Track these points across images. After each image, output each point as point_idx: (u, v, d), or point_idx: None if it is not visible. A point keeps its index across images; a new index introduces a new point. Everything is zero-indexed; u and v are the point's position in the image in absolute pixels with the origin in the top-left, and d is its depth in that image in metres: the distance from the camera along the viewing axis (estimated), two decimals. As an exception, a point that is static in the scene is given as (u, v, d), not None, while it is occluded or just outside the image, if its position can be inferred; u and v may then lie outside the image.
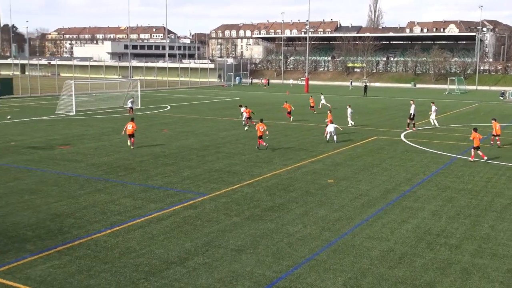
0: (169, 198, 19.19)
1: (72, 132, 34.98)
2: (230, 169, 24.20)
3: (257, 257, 13.71)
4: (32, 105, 55.70)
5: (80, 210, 17.52)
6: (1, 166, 24.14)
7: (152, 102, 59.57)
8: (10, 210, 17.45)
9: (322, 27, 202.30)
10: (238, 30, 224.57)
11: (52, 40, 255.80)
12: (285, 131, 36.66)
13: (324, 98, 54.79)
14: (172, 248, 14.20)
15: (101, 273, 12.55)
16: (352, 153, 28.65)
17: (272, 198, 19.43)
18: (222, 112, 49.25)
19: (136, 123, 29.95)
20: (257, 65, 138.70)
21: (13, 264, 12.97)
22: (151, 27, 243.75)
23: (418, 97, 68.56)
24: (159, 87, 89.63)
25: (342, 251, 14.20)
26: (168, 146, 29.84)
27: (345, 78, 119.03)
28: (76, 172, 23.07)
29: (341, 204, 18.77)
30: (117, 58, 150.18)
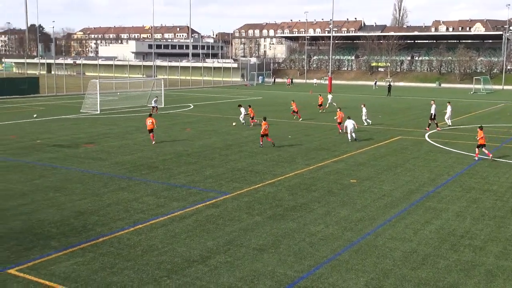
0: (192, 196, 19.28)
1: (97, 131, 35.37)
2: (252, 168, 24.22)
3: (278, 256, 13.70)
4: (57, 104, 56.45)
5: (103, 208, 17.71)
6: (27, 163, 24.51)
7: (175, 101, 59.91)
8: (36, 207, 17.72)
9: (346, 26, 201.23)
10: (262, 29, 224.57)
11: (77, 39, 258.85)
12: (307, 131, 36.56)
13: (331, 98, 54.08)
14: (194, 247, 14.27)
15: (124, 270, 12.67)
16: (375, 153, 28.45)
17: (294, 197, 19.40)
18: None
19: (159, 122, 30.17)
20: (280, 65, 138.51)
21: (38, 261, 13.17)
22: (175, 26, 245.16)
23: (443, 97, 67.81)
24: (182, 86, 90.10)
25: (365, 252, 14.11)
26: (191, 145, 29.99)
27: (369, 77, 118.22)
28: (100, 170, 23.32)
29: (364, 204, 18.66)
30: (141, 57, 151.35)
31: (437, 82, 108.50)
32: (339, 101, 52.31)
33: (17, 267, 12.73)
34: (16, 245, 14.18)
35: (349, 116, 33.86)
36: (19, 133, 33.79)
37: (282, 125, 39.80)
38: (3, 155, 26.53)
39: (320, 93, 60.03)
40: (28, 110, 47.86)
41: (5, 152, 27.16)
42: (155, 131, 31.07)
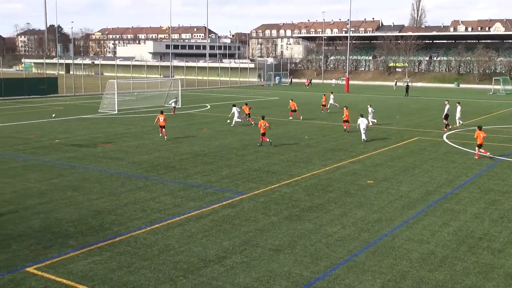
0: (208, 196, 19.32)
1: (114, 131, 35.61)
2: (269, 168, 24.21)
3: (294, 257, 13.67)
4: (76, 103, 56.95)
5: (121, 207, 17.82)
6: (46, 163, 24.76)
7: (192, 102, 60.11)
8: (54, 206, 17.89)
9: (364, 26, 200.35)
10: (279, 29, 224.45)
11: (96, 40, 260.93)
12: (323, 131, 36.46)
13: (333, 98, 53.63)
14: (210, 247, 14.30)
15: (141, 270, 12.74)
16: (392, 154, 28.28)
17: (311, 198, 19.35)
18: (261, 112, 49.25)
19: (177, 122, 30.33)
20: (297, 65, 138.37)
21: (56, 259, 13.29)
22: (192, 27, 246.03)
23: (462, 97, 67.19)
24: (199, 86, 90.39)
25: (381, 253, 14.03)
26: (208, 145, 30.06)
27: (387, 78, 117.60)
28: (117, 170, 23.48)
29: (381, 205, 18.55)
30: (158, 57, 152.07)
31: (455, 83, 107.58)
32: (355, 101, 52.10)
33: (35, 265, 12.87)
34: (35, 244, 14.33)
35: (362, 114, 33.93)
36: (38, 133, 34.15)
37: (299, 125, 39.74)
38: (23, 154, 26.83)
39: (324, 93, 59.77)
40: (47, 110, 48.35)
41: (24, 152, 27.46)
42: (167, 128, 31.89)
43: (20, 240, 14.58)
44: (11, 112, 46.61)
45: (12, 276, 12.26)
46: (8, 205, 17.86)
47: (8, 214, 16.95)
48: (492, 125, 41.23)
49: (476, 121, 43.67)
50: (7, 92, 60.67)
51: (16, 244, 14.27)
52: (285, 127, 38.24)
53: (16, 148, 28.52)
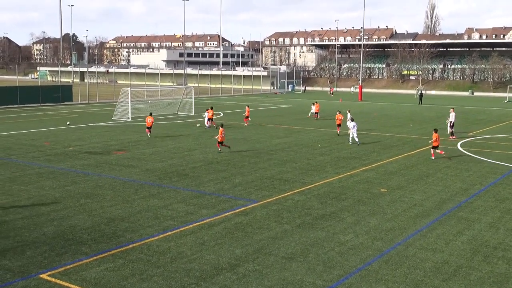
0: (221, 204, 19.33)
1: (128, 138, 35.79)
2: (281, 176, 24.19)
3: (307, 265, 13.62)
4: (90, 111, 57.35)
5: (134, 215, 17.88)
6: (60, 170, 24.93)
7: (205, 109, 60.20)
8: (68, 213, 17.99)
9: (377, 34, 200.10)
10: (292, 37, 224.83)
11: (110, 48, 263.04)
12: (336, 139, 36.37)
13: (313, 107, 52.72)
14: (223, 254, 14.29)
15: (153, 277, 12.76)
16: (406, 162, 28.13)
17: (324, 206, 19.29)
18: (274, 120, 49.35)
19: (190, 130, 30.45)
20: (310, 73, 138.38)
21: (69, 266, 13.35)
22: (206, 35, 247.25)
23: (476, 105, 66.76)
24: (212, 94, 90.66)
25: (395, 262, 13.93)
26: (221, 153, 30.10)
27: (400, 85, 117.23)
28: (131, 177, 23.58)
29: (394, 213, 18.44)
30: (172, 65, 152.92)
31: (470, 91, 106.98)
32: (368, 109, 51.94)
33: (49, 272, 12.94)
34: (49, 250, 14.41)
35: (352, 118, 35.28)
36: (53, 140, 34.42)
37: (312, 133, 39.69)
38: (37, 161, 27.05)
39: (317, 100, 59.48)
40: (61, 117, 48.73)
41: (39, 159, 27.68)
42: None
43: (34, 247, 14.67)
44: (26, 120, 47.04)
45: (26, 282, 12.34)
46: (23, 212, 18.00)
47: (23, 220, 17.08)
48: (506, 133, 40.87)
49: (491, 129, 43.35)
50: (23, 100, 61.28)
51: (30, 251, 14.36)
52: (298, 135, 38.22)
53: (31, 155, 28.76)
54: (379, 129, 42.93)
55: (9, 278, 12.53)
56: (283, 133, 39.24)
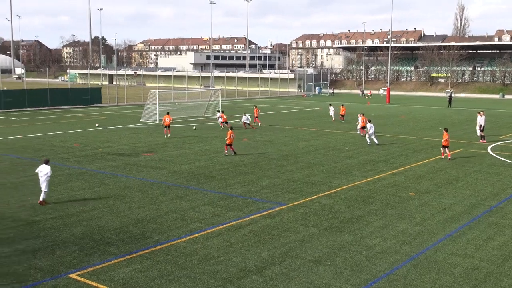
0: (248, 207, 19.34)
1: (156, 140, 36.07)
2: (308, 179, 24.10)
3: (334, 269, 13.54)
4: (118, 113, 57.98)
5: (161, 216, 18.01)
6: (89, 171, 25.26)
7: (232, 112, 60.41)
8: (96, 214, 18.21)
9: (405, 36, 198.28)
10: (319, 40, 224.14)
11: (138, 51, 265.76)
12: (364, 142, 36.08)
13: (333, 110, 52.20)
14: (249, 257, 14.29)
15: (180, 279, 12.82)
16: (435, 166, 27.78)
17: (351, 210, 19.16)
18: (301, 122, 49.23)
19: (218, 132, 30.58)
20: (337, 75, 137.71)
21: (98, 266, 13.51)
22: (233, 38, 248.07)
23: (507, 108, 65.59)
24: (239, 96, 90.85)
25: (423, 267, 13.76)
26: (247, 155, 30.13)
27: (429, 88, 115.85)
28: (158, 179, 23.76)
29: (423, 218, 18.22)
30: (199, 68, 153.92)
31: (500, 93, 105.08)
32: (395, 112, 51.41)
33: (78, 272, 13.11)
34: (78, 250, 14.60)
35: (370, 119, 36.10)
36: (82, 142, 34.90)
37: (340, 136, 39.47)
38: (67, 163, 27.45)
39: (343, 103, 59.10)
40: (91, 120, 49.37)
41: (68, 160, 28.09)
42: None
43: (63, 247, 14.89)
44: (56, 122, 47.79)
45: (56, 282, 12.52)
46: (53, 212, 18.28)
47: (53, 220, 17.34)
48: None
49: (522, 133, 42.53)
50: (53, 102, 62.30)
51: (60, 251, 14.57)
52: (325, 138, 38.06)
53: (61, 156, 29.20)
54: (407, 132, 42.49)
55: (39, 278, 12.74)
56: (310, 136, 39.11)
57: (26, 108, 59.47)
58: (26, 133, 38.94)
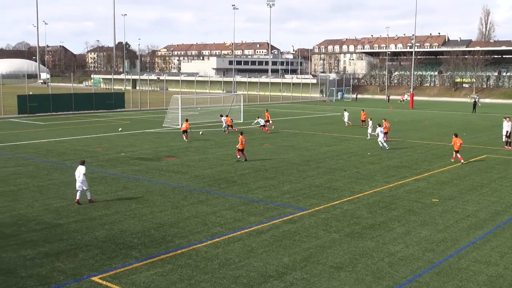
0: (269, 212, 19.31)
1: (178, 145, 36.25)
2: (330, 184, 23.99)
3: (356, 275, 13.43)
4: (141, 118, 58.44)
5: (183, 220, 18.07)
6: (112, 175, 25.48)
7: (254, 117, 60.46)
8: (119, 217, 18.34)
9: (429, 41, 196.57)
10: (342, 45, 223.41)
11: (161, 56, 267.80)
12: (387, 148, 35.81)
13: (348, 115, 51.75)
14: (270, 262, 14.25)
15: (201, 283, 12.83)
16: (459, 172, 27.43)
17: (373, 215, 19.01)
18: (323, 127, 49.06)
19: (236, 136, 30.64)
20: (360, 80, 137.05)
21: (120, 269, 13.59)
22: (255, 43, 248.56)
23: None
24: (261, 102, 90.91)
25: (447, 274, 13.57)
26: (269, 160, 30.11)
27: (453, 93, 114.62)
28: (180, 183, 23.86)
29: (446, 224, 17.99)
30: (221, 73, 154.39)
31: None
32: (419, 118, 50.91)
33: (100, 275, 13.20)
34: (100, 254, 14.72)
35: (379, 124, 36.32)
36: (105, 146, 35.24)
37: (362, 141, 39.23)
38: (91, 166, 27.71)
39: (363, 108, 58.65)
40: (114, 124, 49.84)
41: (91, 164, 28.37)
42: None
43: (86, 250, 15.02)
44: (80, 126, 48.35)
45: (78, 285, 12.63)
46: (76, 215, 18.47)
47: (76, 224, 17.52)
48: None
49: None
50: (77, 107, 63.06)
51: (82, 254, 14.71)
52: (347, 143, 37.86)
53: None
54: (431, 137, 42.07)
55: (62, 280, 12.86)
56: (332, 141, 38.96)
57: (51, 112, 60.29)
58: (50, 137, 39.46)
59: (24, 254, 14.65)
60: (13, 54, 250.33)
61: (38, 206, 19.73)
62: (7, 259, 14.21)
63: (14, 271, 13.40)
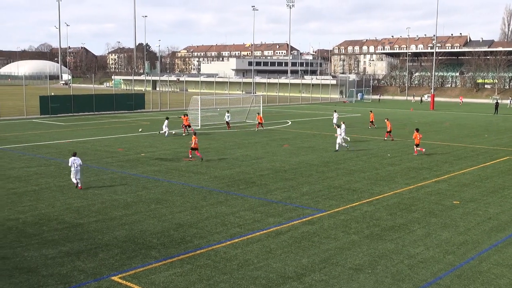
0: (288, 213, 19.29)
1: (199, 145, 36.29)
2: (349, 186, 23.88)
3: (375, 277, 13.34)
4: (161, 119, 58.66)
5: (202, 221, 18.13)
6: (132, 176, 25.66)
7: (273, 118, 60.46)
8: (138, 218, 18.47)
9: (450, 42, 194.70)
10: (361, 45, 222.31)
11: (181, 57, 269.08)
12: (406, 149, 35.54)
13: (336, 117, 50.21)
14: (289, 263, 14.23)
15: (220, 283, 12.86)
16: (480, 174, 27.12)
17: (393, 217, 18.88)
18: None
19: (257, 138, 30.63)
20: (380, 81, 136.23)
21: (139, 269, 13.68)
22: (275, 44, 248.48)
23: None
24: (280, 103, 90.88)
25: (468, 277, 13.42)
26: (288, 161, 30.08)
27: (474, 94, 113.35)
28: (199, 184, 23.94)
29: (467, 227, 17.79)
30: (241, 74, 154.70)
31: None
32: (439, 119, 50.43)
33: (120, 275, 13.30)
34: (120, 253, 14.83)
35: (344, 121, 36.41)
36: (126, 146, 35.50)
37: (381, 142, 38.99)
38: (111, 167, 27.96)
39: (372, 109, 58.14)
40: (134, 125, 50.19)
41: (112, 164, 28.61)
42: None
43: (106, 249, 15.15)
44: (101, 127, 48.78)
45: (99, 284, 12.74)
46: (96, 215, 18.64)
47: (96, 223, 17.68)
48: None
49: None
50: (98, 107, 63.64)
51: (102, 253, 14.83)
52: (367, 144, 37.65)
53: (105, 161, 29.78)
54: (452, 139, 41.66)
55: (82, 279, 12.99)
56: (351, 142, 38.74)
57: (72, 113, 60.93)
58: (72, 138, 39.88)
59: (46, 253, 14.82)
60: (36, 56, 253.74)
61: (59, 205, 19.95)
62: (29, 258, 14.40)
63: (36, 270, 13.57)
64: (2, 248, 15.15)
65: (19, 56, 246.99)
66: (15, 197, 21.11)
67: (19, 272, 13.40)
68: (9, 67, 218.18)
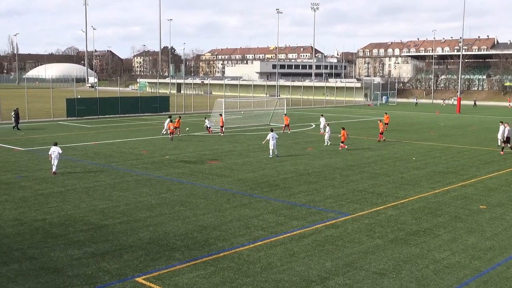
0: (311, 216, 19.22)
1: (221, 148, 36.49)
2: (374, 189, 23.70)
3: (400, 282, 13.21)
4: (185, 121, 59.06)
5: (225, 223, 18.16)
6: (157, 178, 25.84)
7: (297, 121, 60.34)
8: (162, 219, 18.58)
9: (477, 44, 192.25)
10: (387, 48, 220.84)
11: (206, 60, 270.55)
12: (432, 153, 35.17)
13: (324, 120, 47.46)
14: (312, 267, 14.18)
15: (243, 286, 12.86)
16: (508, 178, 26.68)
17: (418, 222, 18.67)
18: (367, 132, 48.53)
19: (281, 141, 30.65)
20: (405, 84, 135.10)
21: (163, 271, 13.76)
22: (299, 47, 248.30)
23: None
24: (304, 105, 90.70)
25: (495, 283, 13.20)
26: (312, 164, 29.98)
27: (502, 98, 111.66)
28: (223, 186, 24.00)
29: (494, 232, 17.51)
30: (265, 77, 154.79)
31: None
32: (466, 122, 49.76)
33: (144, 276, 13.40)
34: (144, 255, 14.94)
35: (272, 128, 34.74)
36: (150, 149, 35.78)
37: (407, 146, 38.62)
38: (136, 169, 28.20)
39: (387, 111, 57.50)
40: (159, 127, 50.54)
41: (137, 167, 28.85)
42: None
43: (130, 251, 15.27)
44: (126, 129, 49.25)
45: (123, 285, 12.84)
46: (121, 217, 18.81)
47: (121, 225, 17.84)
48: None
49: None
50: (123, 110, 64.32)
51: (127, 254, 14.96)
52: (391, 148, 37.34)
53: (130, 163, 30.05)
54: (479, 143, 41.08)
55: (107, 280, 13.11)
56: (376, 146, 38.49)
57: (98, 115, 61.68)
58: (97, 140, 40.35)
59: (71, 253, 15.00)
60: (63, 59, 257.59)
61: (84, 207, 20.19)
62: (55, 258, 14.59)
63: (62, 270, 13.75)
64: (29, 248, 15.39)
65: (47, 59, 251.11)
66: (42, 198, 21.44)
67: (46, 272, 13.59)
68: (37, 70, 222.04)
